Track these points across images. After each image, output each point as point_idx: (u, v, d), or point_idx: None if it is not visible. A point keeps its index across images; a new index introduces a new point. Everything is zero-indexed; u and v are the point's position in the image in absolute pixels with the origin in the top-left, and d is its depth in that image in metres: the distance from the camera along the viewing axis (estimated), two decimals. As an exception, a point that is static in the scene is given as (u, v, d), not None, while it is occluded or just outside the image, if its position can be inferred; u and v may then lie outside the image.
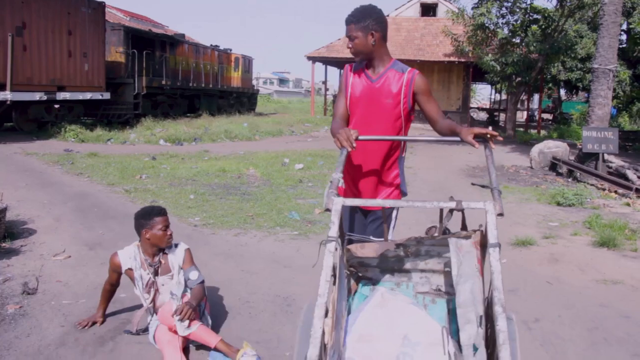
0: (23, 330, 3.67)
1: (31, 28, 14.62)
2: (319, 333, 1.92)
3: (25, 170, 10.08)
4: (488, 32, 20.58)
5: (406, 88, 3.00)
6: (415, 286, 2.71)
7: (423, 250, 2.69)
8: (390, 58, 3.09)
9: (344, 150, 2.68)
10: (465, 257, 2.44)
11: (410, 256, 2.70)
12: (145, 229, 3.57)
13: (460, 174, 11.95)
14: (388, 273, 2.73)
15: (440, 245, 2.65)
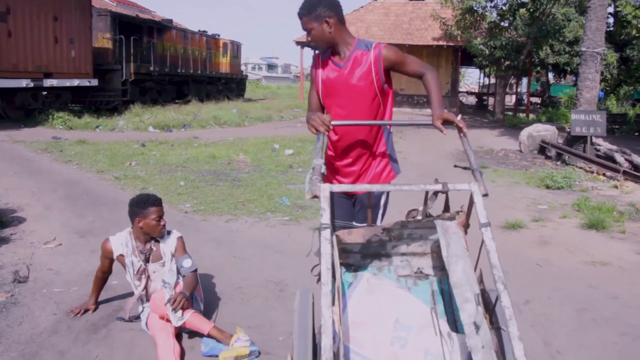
0: (15, 318, 3.67)
1: (16, 13, 14.42)
2: (329, 322, 1.92)
3: (13, 158, 10.01)
4: (476, 15, 20.53)
5: (375, 66, 2.93)
6: (397, 269, 2.70)
7: (405, 234, 2.69)
8: (354, 38, 3.02)
9: (320, 136, 2.69)
10: (452, 239, 2.47)
11: (393, 240, 2.69)
12: (139, 217, 3.56)
13: (449, 158, 11.98)
14: (369, 258, 2.72)
15: (423, 227, 2.66)
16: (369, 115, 3.00)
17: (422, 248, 2.73)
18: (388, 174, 3.15)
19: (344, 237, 2.62)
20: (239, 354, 3.18)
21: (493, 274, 2.08)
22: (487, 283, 2.49)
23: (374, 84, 2.95)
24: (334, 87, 3.01)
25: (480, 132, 18.33)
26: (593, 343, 3.56)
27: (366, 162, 3.11)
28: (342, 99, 3.01)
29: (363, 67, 2.94)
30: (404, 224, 2.62)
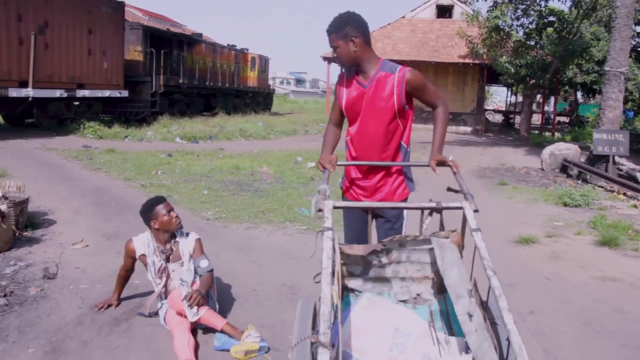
0: (44, 310, 3.92)
1: (53, 26, 14.98)
2: (328, 295, 2.06)
3: (46, 165, 10.39)
4: (502, 34, 20.63)
5: (398, 88, 3.04)
6: (397, 295, 2.80)
7: (404, 257, 2.80)
8: (379, 59, 3.13)
9: (326, 171, 2.97)
10: (447, 251, 2.64)
11: (393, 263, 2.80)
12: (152, 220, 3.80)
13: (471, 175, 12.06)
14: (370, 282, 2.82)
15: (420, 250, 2.79)
16: (387, 134, 3.14)
17: (421, 273, 2.84)
18: (403, 190, 3.26)
19: (345, 250, 2.71)
20: (249, 349, 3.37)
21: (483, 264, 2.24)
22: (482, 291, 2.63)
23: (395, 106, 3.06)
24: (357, 105, 3.14)
25: (503, 149, 18.36)
26: (594, 354, 3.67)
27: (382, 179, 3.22)
28: (363, 117, 3.14)
29: (386, 89, 3.05)
30: (402, 243, 2.76)
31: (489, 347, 2.26)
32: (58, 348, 3.39)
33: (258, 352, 3.41)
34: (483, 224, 6.08)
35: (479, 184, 10.88)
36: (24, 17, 14.03)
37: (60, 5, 15.21)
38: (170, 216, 3.82)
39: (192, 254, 3.87)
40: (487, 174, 12.37)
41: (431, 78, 27.04)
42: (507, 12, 20.15)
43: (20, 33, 13.97)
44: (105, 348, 3.43)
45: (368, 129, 3.15)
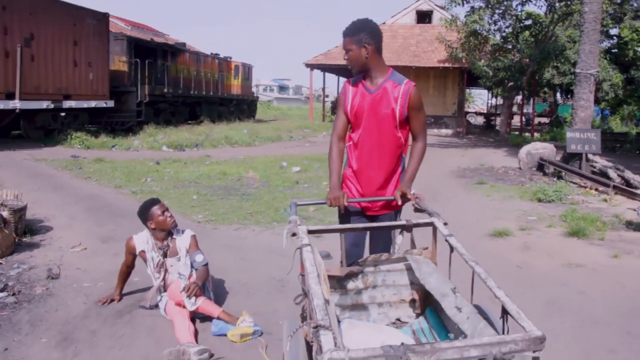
0: (51, 306, 4.24)
1: (39, 39, 15.22)
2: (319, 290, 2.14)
3: (36, 175, 10.64)
4: (480, 38, 21.19)
5: (402, 99, 3.17)
6: (375, 322, 2.87)
7: (379, 280, 2.91)
8: (388, 69, 3.27)
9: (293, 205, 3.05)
10: (422, 264, 2.81)
11: (369, 288, 2.89)
12: (149, 220, 4.16)
13: (450, 175, 12.49)
14: (348, 310, 2.89)
15: (394, 271, 2.91)
16: (388, 142, 3.27)
17: (397, 297, 2.95)
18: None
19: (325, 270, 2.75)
20: (244, 332, 3.72)
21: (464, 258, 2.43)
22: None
23: (397, 116, 3.20)
24: (362, 110, 3.25)
25: (484, 150, 18.84)
26: (553, 327, 4.06)
27: (380, 189, 3.35)
28: (366, 123, 3.26)
29: (391, 97, 3.18)
30: (377, 262, 2.88)
31: (485, 325, 2.31)
32: (68, 337, 3.71)
33: (252, 335, 3.75)
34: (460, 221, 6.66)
35: (458, 183, 11.30)
36: (10, 30, 14.26)
37: (45, 18, 15.47)
38: (165, 216, 4.16)
39: (188, 249, 4.21)
40: (466, 174, 12.80)
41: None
42: (484, 17, 20.69)
43: (6, 46, 14.20)
44: (111, 336, 3.76)
45: (370, 135, 3.27)
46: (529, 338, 1.88)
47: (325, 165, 12.54)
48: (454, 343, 1.86)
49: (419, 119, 3.28)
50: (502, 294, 2.17)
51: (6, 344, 3.59)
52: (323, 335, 1.84)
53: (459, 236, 2.77)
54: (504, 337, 1.91)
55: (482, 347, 1.84)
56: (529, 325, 1.97)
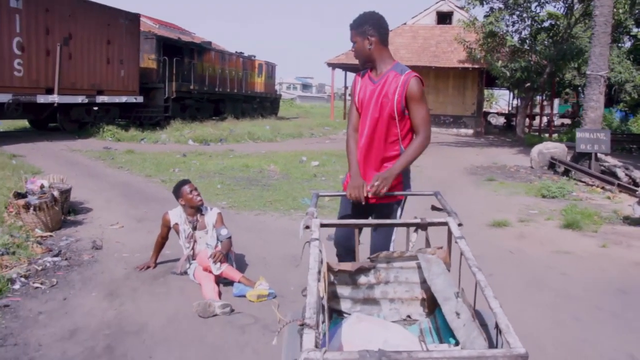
0: (97, 270, 4.96)
1: (76, 38, 16.18)
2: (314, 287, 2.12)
3: (73, 164, 11.46)
4: (498, 39, 21.60)
5: (401, 88, 3.18)
6: (386, 317, 2.87)
7: (392, 276, 2.89)
8: (393, 60, 3.32)
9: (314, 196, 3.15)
10: (433, 264, 2.80)
11: (381, 283, 2.89)
12: (180, 197, 4.87)
13: (463, 172, 13.04)
14: (359, 304, 2.89)
15: (407, 268, 2.89)
16: (388, 133, 3.29)
17: (409, 294, 2.92)
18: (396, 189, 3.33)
19: (333, 265, 2.81)
20: (260, 293, 4.39)
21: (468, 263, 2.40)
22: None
23: (394, 106, 3.20)
24: (366, 100, 3.32)
25: (499, 150, 19.31)
26: (529, 299, 4.66)
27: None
28: (369, 113, 3.30)
29: (391, 86, 3.21)
30: (389, 259, 2.88)
31: (477, 335, 2.31)
32: (114, 293, 4.43)
33: (267, 296, 4.42)
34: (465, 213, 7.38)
35: (469, 180, 11.86)
36: (51, 30, 15.23)
37: (83, 19, 16.45)
38: (193, 195, 4.88)
39: (215, 224, 4.90)
40: (478, 171, 13.33)
41: (432, 83, 28.05)
42: (502, 18, 21.11)
43: (47, 45, 15.17)
44: (149, 293, 4.47)
45: (371, 125, 3.29)
46: (510, 355, 1.80)
47: (342, 161, 13.20)
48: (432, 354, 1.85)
49: (419, 112, 3.23)
50: (497, 304, 2.12)
51: (64, 295, 4.35)
52: (306, 334, 1.84)
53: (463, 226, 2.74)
54: (484, 352, 1.88)
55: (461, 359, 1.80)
56: (514, 342, 1.89)
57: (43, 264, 4.95)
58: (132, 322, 3.94)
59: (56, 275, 4.75)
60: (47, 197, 6.12)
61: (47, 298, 4.27)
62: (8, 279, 4.45)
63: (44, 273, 4.78)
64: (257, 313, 4.19)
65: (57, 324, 3.85)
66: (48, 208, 6.08)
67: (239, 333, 3.85)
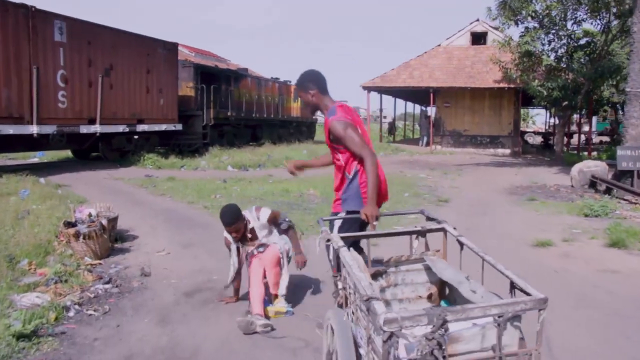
0: (148, 296, 5.10)
1: (117, 69, 16.66)
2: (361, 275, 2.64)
3: (117, 192, 11.75)
4: (534, 58, 21.44)
5: (326, 132, 3.90)
6: None
7: (400, 279, 3.33)
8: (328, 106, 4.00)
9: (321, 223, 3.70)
10: (437, 262, 3.29)
11: (391, 286, 3.30)
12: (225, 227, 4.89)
13: (502, 192, 12.94)
14: None
15: (412, 270, 3.37)
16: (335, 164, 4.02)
17: (415, 293, 3.37)
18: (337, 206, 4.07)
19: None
20: (278, 310, 4.64)
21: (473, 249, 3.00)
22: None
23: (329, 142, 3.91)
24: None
25: (538, 169, 19.09)
26: (578, 317, 4.61)
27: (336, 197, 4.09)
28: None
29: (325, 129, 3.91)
30: (398, 262, 3.36)
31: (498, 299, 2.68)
32: (165, 319, 4.55)
33: (285, 314, 4.62)
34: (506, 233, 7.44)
35: (509, 199, 11.76)
36: (93, 62, 15.72)
37: (123, 50, 16.94)
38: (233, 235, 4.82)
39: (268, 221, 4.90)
40: (518, 191, 13.21)
41: (468, 103, 27.99)
42: (537, 37, 20.97)
43: (89, 76, 15.66)
44: (200, 318, 4.57)
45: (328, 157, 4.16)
46: (535, 299, 2.45)
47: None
48: (479, 305, 2.43)
49: (348, 143, 3.76)
50: (510, 272, 2.69)
51: (118, 322, 4.48)
52: (375, 304, 2.33)
53: (503, 245, 3.29)
54: (516, 299, 2.48)
55: (500, 307, 2.39)
56: (534, 292, 2.50)
57: (95, 292, 5.11)
58: (185, 347, 4.04)
59: (108, 303, 4.90)
60: (96, 226, 6.32)
61: (101, 325, 4.41)
62: (63, 307, 4.61)
63: (96, 300, 4.94)
64: (307, 336, 4.25)
65: (113, 351, 3.98)
66: (97, 236, 6.27)
67: (291, 356, 3.91)
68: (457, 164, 20.32)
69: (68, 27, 14.83)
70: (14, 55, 13.33)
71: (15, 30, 13.33)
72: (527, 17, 20.66)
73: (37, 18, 13.89)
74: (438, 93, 27.85)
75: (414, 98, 35.40)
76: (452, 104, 28.60)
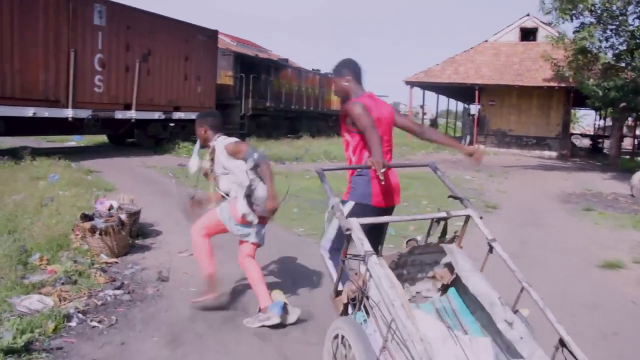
0: (161, 307, 4.46)
1: (155, 54, 16.20)
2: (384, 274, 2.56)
3: (147, 181, 11.25)
4: (590, 56, 20.24)
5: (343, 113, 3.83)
6: None
7: (409, 261, 3.12)
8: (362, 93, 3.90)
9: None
10: (458, 257, 3.00)
11: (399, 267, 3.09)
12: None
13: (554, 199, 12.04)
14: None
15: (424, 254, 3.14)
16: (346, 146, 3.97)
17: (420, 274, 3.18)
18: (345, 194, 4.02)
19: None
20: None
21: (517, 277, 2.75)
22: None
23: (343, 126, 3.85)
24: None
25: (590, 175, 18.02)
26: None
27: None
28: None
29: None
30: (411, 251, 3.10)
31: (542, 356, 2.56)
32: (177, 339, 3.90)
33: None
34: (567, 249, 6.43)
35: (563, 208, 10.85)
36: (131, 47, 15.29)
37: (162, 35, 16.45)
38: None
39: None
40: (571, 199, 12.26)
41: (515, 102, 26.88)
42: (595, 33, 19.76)
43: (127, 61, 15.24)
44: (217, 341, 3.90)
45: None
46: None
47: (425, 183, 12.43)
48: None
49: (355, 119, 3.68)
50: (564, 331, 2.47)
51: (123, 338, 3.84)
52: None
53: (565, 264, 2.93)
54: None
55: None
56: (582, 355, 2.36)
57: (104, 298, 4.51)
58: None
59: (116, 312, 4.28)
60: (114, 221, 5.74)
61: (103, 341, 3.79)
62: (65, 315, 4.01)
63: (103, 309, 4.33)
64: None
65: (111, 376, 3.35)
66: (114, 232, 5.69)
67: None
68: (502, 166, 19.34)
69: (108, 11, 14.46)
70: (53, 38, 13.03)
71: (55, 12, 13.01)
72: (584, 12, 19.49)
73: (77, 1, 13.57)
74: (483, 90, 26.77)
75: (457, 95, 34.26)
76: (498, 102, 27.52)
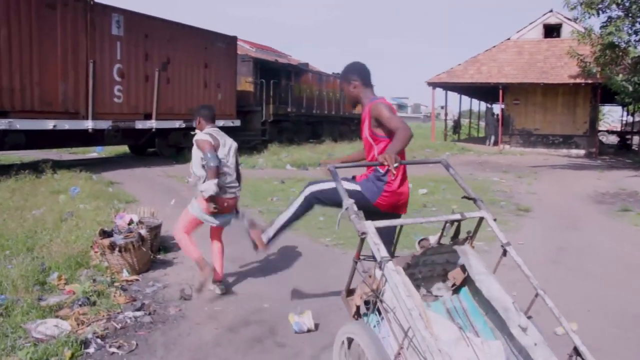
0: (184, 329, 4.22)
1: (174, 63, 16.08)
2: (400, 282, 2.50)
3: (168, 191, 11.07)
4: (618, 50, 19.67)
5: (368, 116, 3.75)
6: None
7: (421, 261, 3.07)
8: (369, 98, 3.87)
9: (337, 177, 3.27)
10: (471, 259, 2.96)
11: (410, 268, 3.01)
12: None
13: (588, 200, 11.59)
14: None
15: (434, 254, 3.09)
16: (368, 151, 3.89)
17: (430, 273, 3.14)
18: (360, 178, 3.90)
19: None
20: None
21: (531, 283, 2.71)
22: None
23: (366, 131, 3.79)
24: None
25: (622, 173, 17.45)
26: None
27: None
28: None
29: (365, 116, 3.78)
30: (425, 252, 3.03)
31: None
32: (201, 365, 3.64)
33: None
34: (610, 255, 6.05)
35: (597, 210, 10.42)
36: (150, 56, 15.19)
37: (181, 43, 16.32)
38: None
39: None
40: (606, 199, 11.81)
41: (540, 100, 26.30)
42: (623, 27, 19.18)
43: (146, 70, 15.14)
44: (244, 367, 3.64)
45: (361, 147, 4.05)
46: None
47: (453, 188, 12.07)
48: None
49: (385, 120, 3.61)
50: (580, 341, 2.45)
51: (143, 367, 3.59)
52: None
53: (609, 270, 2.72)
54: None
55: None
56: None
57: (123, 321, 4.28)
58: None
59: (137, 336, 4.04)
60: (134, 237, 5.53)
61: (123, 369, 3.56)
62: (82, 341, 3.79)
63: (123, 332, 4.10)
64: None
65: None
66: (134, 249, 5.48)
67: None
68: (530, 166, 18.86)
69: (126, 21, 14.39)
70: (71, 49, 12.97)
71: (74, 23, 12.97)
72: (611, 5, 18.91)
73: (95, 11, 13.53)
74: (507, 89, 26.23)
75: (481, 95, 33.68)
76: (522, 101, 26.94)
